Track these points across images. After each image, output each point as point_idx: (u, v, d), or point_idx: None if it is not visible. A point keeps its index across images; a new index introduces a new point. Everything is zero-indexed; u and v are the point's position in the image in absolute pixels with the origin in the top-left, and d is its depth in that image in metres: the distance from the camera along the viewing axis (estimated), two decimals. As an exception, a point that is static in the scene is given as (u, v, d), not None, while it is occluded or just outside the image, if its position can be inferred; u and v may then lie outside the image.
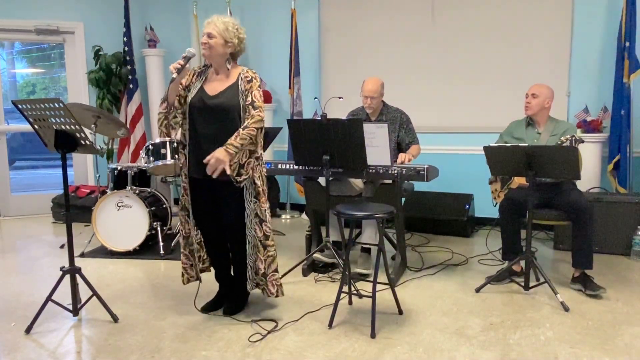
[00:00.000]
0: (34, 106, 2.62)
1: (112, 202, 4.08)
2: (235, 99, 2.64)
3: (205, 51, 2.64)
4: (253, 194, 2.70)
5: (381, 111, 3.76)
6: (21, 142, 8.81)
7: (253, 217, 2.71)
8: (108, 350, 2.46)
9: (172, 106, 2.71)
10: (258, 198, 2.71)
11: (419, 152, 3.79)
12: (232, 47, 2.67)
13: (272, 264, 2.78)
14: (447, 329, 2.67)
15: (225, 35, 2.63)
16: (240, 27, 2.71)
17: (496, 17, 4.80)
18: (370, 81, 3.67)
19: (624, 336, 2.56)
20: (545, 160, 2.92)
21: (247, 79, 2.68)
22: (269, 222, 2.76)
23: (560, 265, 3.76)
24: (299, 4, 5.49)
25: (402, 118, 3.75)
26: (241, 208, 2.70)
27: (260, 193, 2.71)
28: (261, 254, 2.75)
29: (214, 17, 2.67)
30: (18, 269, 3.83)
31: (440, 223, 4.71)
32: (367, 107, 3.71)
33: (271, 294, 2.79)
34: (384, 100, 3.79)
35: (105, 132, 4.33)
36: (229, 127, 2.62)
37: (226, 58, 2.69)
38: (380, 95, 3.69)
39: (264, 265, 2.76)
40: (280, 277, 2.83)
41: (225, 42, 2.64)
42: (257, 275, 2.78)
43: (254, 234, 2.73)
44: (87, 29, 5.82)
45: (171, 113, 2.72)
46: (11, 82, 7.55)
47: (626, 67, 4.16)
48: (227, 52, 2.67)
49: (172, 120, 2.73)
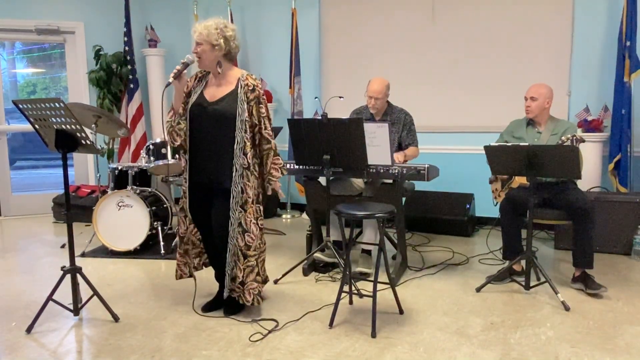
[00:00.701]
0: (35, 106, 2.62)
1: (113, 202, 4.08)
2: (234, 107, 2.63)
3: (197, 61, 2.64)
4: (240, 203, 2.67)
5: (386, 111, 3.74)
6: (22, 142, 8.80)
7: (237, 226, 2.69)
8: (109, 350, 2.46)
9: (177, 113, 2.71)
10: (245, 208, 2.67)
11: (416, 154, 3.77)
12: (221, 49, 2.63)
13: (251, 274, 2.72)
14: (448, 328, 2.67)
15: (210, 39, 2.60)
16: (226, 25, 2.65)
17: (497, 16, 4.79)
18: (375, 81, 3.63)
19: (624, 336, 2.56)
20: (545, 160, 2.92)
21: (249, 87, 2.65)
22: (254, 234, 2.69)
23: (561, 265, 3.76)
24: (300, 3, 5.49)
25: (405, 119, 3.73)
26: (227, 215, 2.69)
27: (249, 203, 2.67)
28: (241, 263, 2.72)
29: (196, 25, 2.64)
30: (19, 268, 3.83)
31: (441, 222, 4.71)
32: (371, 108, 3.68)
33: (247, 301, 2.74)
34: (389, 101, 3.77)
35: (106, 131, 4.33)
36: (227, 134, 2.63)
37: (217, 62, 2.66)
38: (385, 96, 3.65)
39: (243, 274, 2.72)
40: (258, 286, 2.73)
41: (212, 46, 2.61)
42: (234, 282, 2.76)
43: (235, 243, 2.71)
44: (87, 29, 5.82)
45: (175, 120, 2.71)
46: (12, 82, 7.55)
47: (627, 66, 4.16)
48: (217, 55, 2.64)
49: (176, 127, 2.72)
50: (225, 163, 2.66)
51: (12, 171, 5.90)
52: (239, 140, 2.63)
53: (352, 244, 3.78)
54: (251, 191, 2.68)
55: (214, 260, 2.93)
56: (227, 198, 2.67)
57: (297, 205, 5.89)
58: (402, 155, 3.60)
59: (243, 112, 2.63)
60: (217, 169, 2.69)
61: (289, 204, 5.84)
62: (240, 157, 2.65)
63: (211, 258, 2.94)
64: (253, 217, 2.69)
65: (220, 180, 2.68)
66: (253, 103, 2.65)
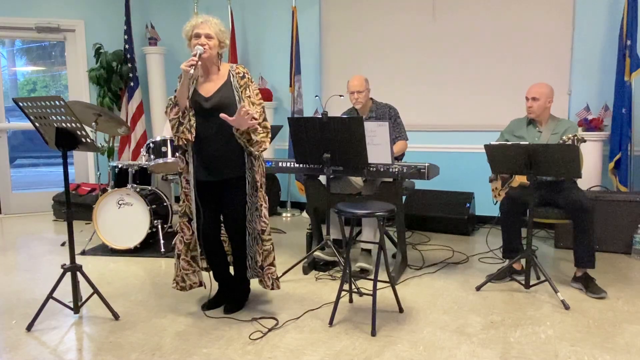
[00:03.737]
0: (35, 104, 2.62)
1: (113, 200, 4.08)
2: (231, 96, 2.66)
3: (205, 53, 2.60)
4: (255, 188, 2.74)
5: (370, 108, 3.77)
6: (22, 140, 8.81)
7: (254, 210, 2.76)
8: (109, 348, 2.46)
9: (186, 109, 2.67)
10: (257, 193, 2.75)
11: (404, 148, 3.76)
12: (222, 48, 2.70)
13: (268, 258, 2.82)
14: (448, 327, 2.67)
15: (220, 36, 2.65)
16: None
17: (497, 15, 4.79)
18: (354, 78, 3.70)
19: (624, 334, 2.56)
20: (546, 159, 2.91)
21: (239, 75, 2.70)
22: (266, 219, 2.79)
23: (561, 264, 3.76)
24: (300, 2, 5.48)
25: (390, 112, 3.74)
26: (243, 201, 2.74)
27: (259, 188, 2.75)
28: (259, 247, 2.80)
29: (207, 17, 2.66)
30: (19, 266, 3.84)
31: (441, 221, 4.72)
32: (355, 103, 3.71)
33: (267, 286, 2.83)
34: (372, 98, 3.80)
35: (106, 130, 4.34)
36: (228, 126, 2.62)
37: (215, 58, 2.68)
38: (366, 89, 3.69)
39: (261, 257, 2.81)
40: (275, 271, 2.86)
41: (219, 42, 2.66)
42: (257, 265, 2.83)
43: (254, 226, 2.78)
44: (87, 27, 5.82)
45: (185, 117, 2.67)
46: (12, 80, 7.55)
47: (627, 65, 4.16)
48: (218, 53, 2.69)
49: (187, 123, 2.66)
50: (235, 152, 2.68)
51: (12, 169, 5.91)
52: None
53: (352, 243, 3.78)
54: (259, 177, 2.76)
55: (214, 260, 2.90)
56: (240, 185, 2.71)
57: (297, 203, 5.90)
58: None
59: (241, 100, 2.66)
60: (227, 160, 2.69)
61: (289, 203, 5.84)
62: None
63: (211, 258, 2.91)
64: (265, 202, 2.78)
65: (233, 169, 2.70)
66: (242, 89, 2.68)
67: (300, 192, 5.49)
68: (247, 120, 2.52)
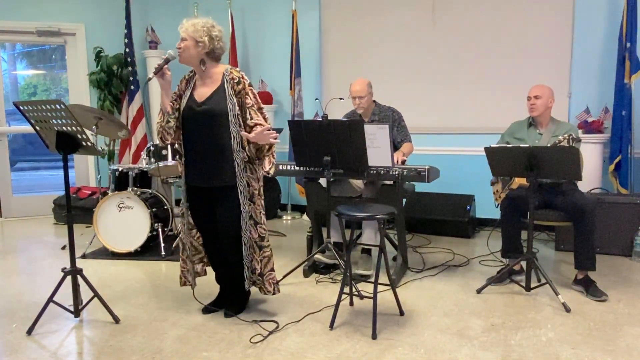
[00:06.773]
0: (36, 107, 2.62)
1: (114, 204, 4.08)
2: (223, 104, 2.63)
3: (178, 56, 2.64)
4: (247, 197, 2.71)
5: (373, 111, 3.75)
6: (22, 144, 8.82)
7: (248, 219, 2.72)
8: (109, 352, 2.46)
9: (166, 112, 2.70)
10: (253, 200, 2.73)
11: (411, 150, 3.77)
12: (204, 47, 2.62)
13: (268, 264, 2.82)
14: (449, 329, 2.67)
15: (194, 35, 2.61)
16: (213, 25, 2.67)
17: (497, 17, 4.80)
18: (356, 82, 3.68)
19: (625, 337, 2.55)
20: (546, 161, 2.91)
21: (234, 81, 2.64)
22: (264, 224, 2.78)
23: (562, 266, 3.76)
24: (300, 5, 5.49)
25: (394, 116, 3.74)
26: (237, 210, 2.70)
27: (255, 195, 2.73)
28: (257, 255, 2.78)
29: (184, 21, 2.67)
30: (19, 270, 3.83)
31: (442, 224, 4.71)
32: (357, 108, 3.70)
33: (268, 291, 2.83)
34: (375, 100, 3.79)
35: (107, 133, 4.34)
36: (219, 133, 2.62)
37: (200, 59, 2.65)
38: (368, 94, 3.67)
39: (260, 265, 2.79)
40: (275, 275, 2.86)
41: (196, 42, 2.61)
42: (254, 274, 2.81)
43: (249, 236, 2.75)
44: (88, 31, 5.83)
45: (164, 119, 2.70)
46: (12, 83, 7.57)
47: (627, 68, 4.16)
48: (200, 52, 2.63)
49: (165, 125, 2.70)
50: (226, 161, 2.66)
51: (13, 173, 5.91)
52: (235, 135, 2.64)
53: (352, 246, 3.77)
54: (256, 184, 2.74)
55: (215, 262, 2.93)
56: (232, 195, 2.68)
57: (297, 206, 5.89)
58: (401, 154, 3.59)
59: (234, 107, 2.63)
60: (217, 169, 2.67)
61: (289, 206, 5.84)
62: (240, 152, 2.66)
63: (212, 259, 2.94)
64: (262, 209, 2.76)
65: (223, 178, 2.67)
66: (240, 95, 2.65)
67: (301, 194, 5.49)
68: (267, 137, 2.54)
